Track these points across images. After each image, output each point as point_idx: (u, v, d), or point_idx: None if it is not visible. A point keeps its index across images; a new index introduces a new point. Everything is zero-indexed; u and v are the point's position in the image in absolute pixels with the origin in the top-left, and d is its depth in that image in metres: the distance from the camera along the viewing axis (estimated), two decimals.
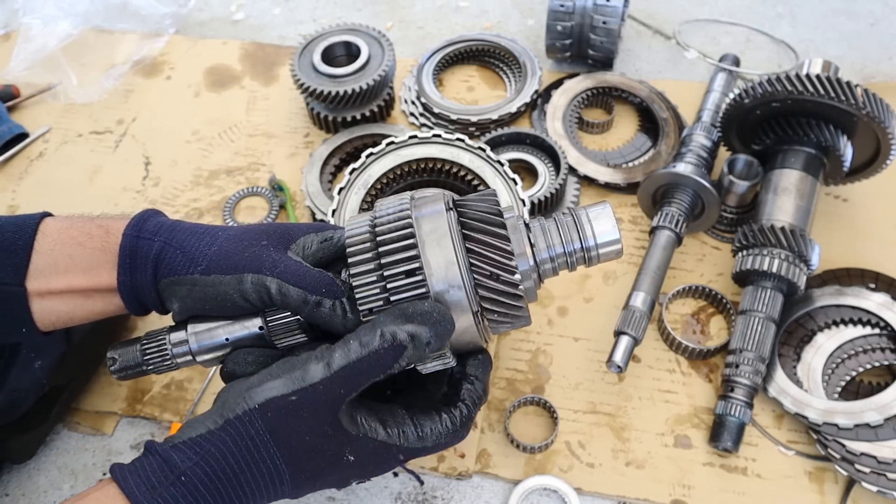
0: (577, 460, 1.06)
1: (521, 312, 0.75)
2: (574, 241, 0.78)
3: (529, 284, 0.77)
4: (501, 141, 1.38)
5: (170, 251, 0.82)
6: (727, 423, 1.03)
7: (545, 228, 0.79)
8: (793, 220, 1.14)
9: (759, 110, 1.20)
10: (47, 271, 0.82)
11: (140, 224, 0.84)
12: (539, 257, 0.78)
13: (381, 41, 1.44)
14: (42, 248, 0.83)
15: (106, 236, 0.84)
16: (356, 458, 0.75)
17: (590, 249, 0.78)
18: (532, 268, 0.77)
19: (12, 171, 1.48)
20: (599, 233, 0.77)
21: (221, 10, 1.82)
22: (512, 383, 1.14)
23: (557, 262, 0.78)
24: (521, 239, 0.77)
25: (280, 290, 0.77)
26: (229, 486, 0.71)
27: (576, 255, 0.78)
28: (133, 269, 0.82)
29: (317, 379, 0.71)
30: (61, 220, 0.87)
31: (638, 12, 1.72)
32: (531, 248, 0.77)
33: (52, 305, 0.84)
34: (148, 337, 0.85)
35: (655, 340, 1.17)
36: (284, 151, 1.48)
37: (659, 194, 1.25)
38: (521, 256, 0.75)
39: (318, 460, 0.74)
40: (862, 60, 1.58)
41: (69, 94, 1.60)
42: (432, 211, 0.75)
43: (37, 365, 1.00)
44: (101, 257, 0.83)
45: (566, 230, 0.78)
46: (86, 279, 0.83)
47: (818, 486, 1.02)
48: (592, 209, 0.78)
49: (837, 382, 1.08)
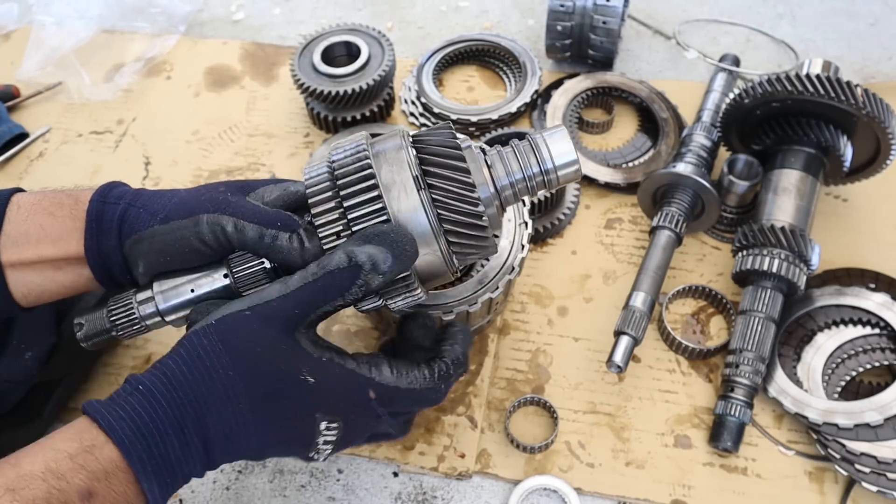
0: (577, 460, 1.06)
1: (486, 240, 0.76)
2: (532, 164, 0.78)
3: (492, 211, 0.77)
4: (501, 141, 1.38)
5: (133, 211, 0.82)
6: (727, 423, 1.03)
7: (503, 155, 0.79)
8: (793, 220, 1.14)
9: (759, 110, 1.20)
10: (20, 241, 0.83)
11: (106, 191, 0.85)
12: (499, 184, 0.78)
13: (381, 41, 1.44)
14: (14, 218, 0.83)
15: (75, 205, 0.84)
16: (316, 381, 0.73)
17: (548, 172, 0.78)
18: (493, 195, 0.78)
19: (12, 171, 1.48)
20: (557, 154, 0.78)
21: (221, 10, 1.82)
22: (512, 383, 1.14)
23: (518, 187, 0.79)
24: (480, 167, 0.77)
25: (236, 227, 0.77)
26: (184, 396, 0.69)
27: (535, 178, 0.79)
28: (99, 234, 0.82)
29: (273, 297, 0.73)
30: (34, 192, 0.88)
31: (638, 12, 1.72)
32: (490, 175, 0.78)
33: (24, 277, 0.84)
34: (114, 300, 0.83)
35: (655, 340, 1.17)
36: (284, 151, 1.48)
37: (659, 194, 1.25)
38: (482, 185, 0.76)
39: (271, 375, 0.72)
40: (862, 60, 1.58)
41: (83, 92, 1.60)
42: (389, 146, 0.75)
43: (27, 356, 1.01)
44: (70, 225, 0.83)
45: (524, 155, 0.78)
46: (56, 248, 0.83)
47: (818, 486, 1.02)
48: (548, 133, 0.79)
49: (837, 382, 1.08)
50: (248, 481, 1.06)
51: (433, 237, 0.73)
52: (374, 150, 0.75)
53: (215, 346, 0.71)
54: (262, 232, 0.77)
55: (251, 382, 0.71)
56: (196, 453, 0.70)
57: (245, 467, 1.08)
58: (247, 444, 0.73)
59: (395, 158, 0.74)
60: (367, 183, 0.72)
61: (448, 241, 0.74)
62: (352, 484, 1.06)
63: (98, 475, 0.66)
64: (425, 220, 0.73)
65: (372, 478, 1.06)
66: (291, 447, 0.77)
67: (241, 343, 0.71)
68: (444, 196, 0.73)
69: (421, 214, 0.72)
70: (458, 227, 0.74)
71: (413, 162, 0.74)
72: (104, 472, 0.66)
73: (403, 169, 0.73)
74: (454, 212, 0.73)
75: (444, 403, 1.11)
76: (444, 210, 0.73)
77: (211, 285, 0.81)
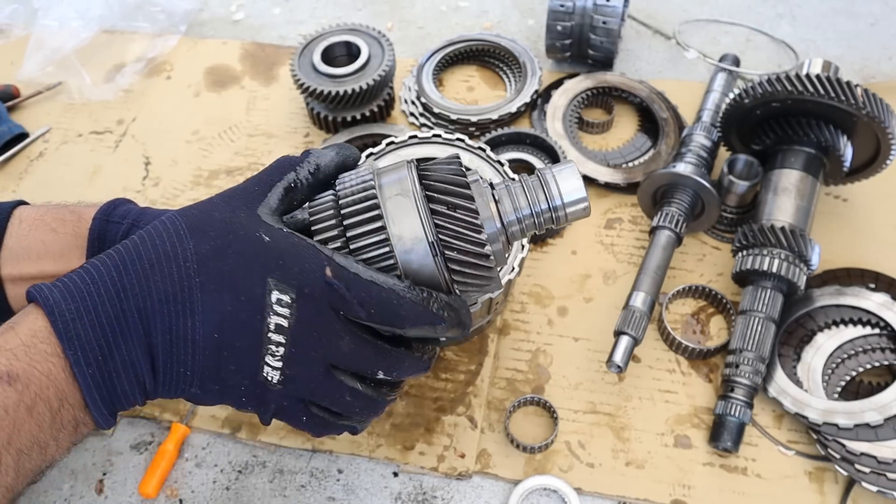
0: (577, 460, 1.06)
1: (491, 276, 0.74)
2: (541, 201, 0.76)
3: (498, 247, 0.76)
4: (501, 141, 1.38)
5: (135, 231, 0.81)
6: (727, 423, 1.03)
7: (511, 190, 0.78)
8: (793, 220, 1.14)
9: (759, 110, 1.20)
10: (20, 256, 0.82)
11: (110, 209, 0.84)
12: (506, 219, 0.77)
13: (381, 41, 1.44)
14: (16, 232, 0.83)
15: (78, 222, 0.84)
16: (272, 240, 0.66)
17: (557, 209, 0.77)
18: (499, 230, 0.76)
19: (12, 171, 1.48)
20: (566, 192, 0.76)
21: (221, 10, 1.82)
22: (512, 383, 1.14)
23: (525, 223, 0.77)
24: (487, 202, 0.76)
25: None
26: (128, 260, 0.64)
27: (543, 215, 0.77)
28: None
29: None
30: (36, 207, 0.87)
31: (638, 12, 1.72)
32: (497, 210, 0.76)
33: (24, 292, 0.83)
34: None
35: (655, 340, 1.17)
36: (284, 151, 1.47)
37: (659, 194, 1.25)
38: (488, 219, 0.74)
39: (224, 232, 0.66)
40: (862, 60, 1.58)
41: (83, 92, 1.60)
42: (395, 178, 0.74)
43: None
44: (72, 242, 0.82)
45: (532, 191, 0.77)
46: (57, 265, 0.82)
47: (818, 486, 1.02)
48: (558, 168, 0.77)
49: (837, 382, 1.08)
50: (248, 481, 1.06)
51: (435, 272, 0.72)
52: (381, 182, 0.74)
53: (172, 217, 0.66)
54: None
55: (200, 240, 0.65)
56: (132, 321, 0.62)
57: (245, 467, 1.08)
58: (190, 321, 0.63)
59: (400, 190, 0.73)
60: (375, 224, 0.71)
61: (452, 277, 0.73)
62: (352, 484, 1.06)
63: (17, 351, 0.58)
64: (428, 255, 0.71)
65: (372, 478, 1.06)
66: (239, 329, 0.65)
67: (198, 212, 0.67)
68: (449, 232, 0.72)
69: (424, 248, 0.71)
70: (462, 263, 0.72)
71: (419, 195, 0.73)
72: (23, 345, 0.59)
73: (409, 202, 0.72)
74: (458, 248, 0.72)
75: (444, 403, 1.11)
76: (448, 246, 0.72)
77: None
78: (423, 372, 0.78)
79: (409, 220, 0.71)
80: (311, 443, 1.08)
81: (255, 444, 1.09)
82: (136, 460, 1.09)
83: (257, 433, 1.09)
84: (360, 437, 1.08)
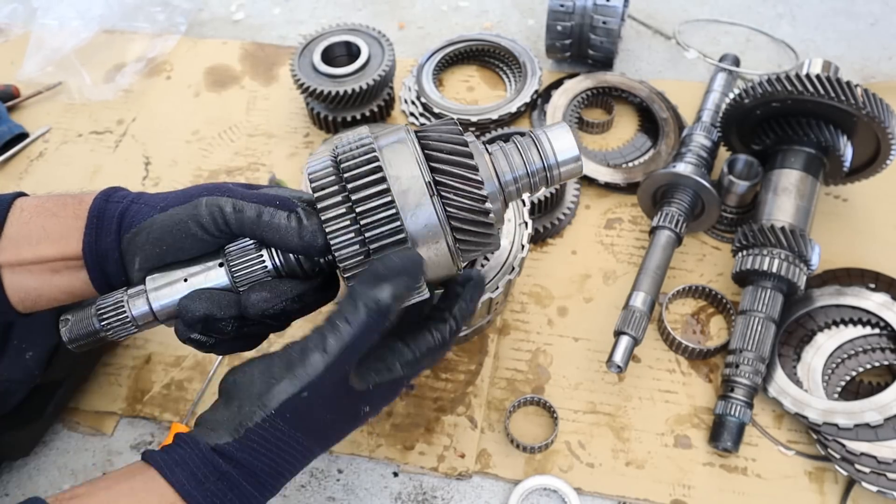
0: (577, 460, 1.06)
1: (491, 233, 0.75)
2: (535, 160, 0.78)
3: (497, 207, 0.77)
4: (502, 140, 1.38)
5: (134, 207, 0.82)
6: (727, 423, 1.03)
7: (505, 151, 0.79)
8: (793, 220, 1.14)
9: (759, 110, 1.20)
10: (20, 242, 0.82)
11: (111, 191, 0.85)
12: (503, 179, 0.78)
13: (381, 41, 1.44)
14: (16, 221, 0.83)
15: (79, 205, 0.84)
16: (371, 407, 0.78)
17: (551, 168, 0.78)
18: (498, 190, 0.78)
19: (12, 171, 1.48)
20: (559, 150, 0.78)
21: (221, 10, 1.82)
22: (512, 383, 1.14)
23: (521, 182, 0.79)
24: (485, 162, 0.77)
25: (234, 207, 0.77)
26: (267, 477, 0.74)
27: (538, 174, 0.78)
28: (99, 231, 0.81)
29: (320, 369, 0.73)
30: (39, 196, 0.88)
31: (638, 12, 1.72)
32: (494, 170, 0.78)
33: (20, 280, 0.83)
34: (104, 297, 0.79)
35: (655, 340, 1.17)
36: (284, 151, 1.48)
37: (659, 194, 1.25)
38: (487, 180, 0.76)
39: (340, 424, 0.78)
40: (862, 60, 1.58)
41: (83, 92, 1.60)
42: (395, 140, 0.75)
43: (28, 356, 1.01)
44: (72, 224, 0.83)
45: (526, 150, 0.78)
46: (55, 248, 0.82)
47: (818, 486, 1.02)
48: (551, 129, 0.79)
49: (837, 382, 1.08)
50: None
51: (441, 232, 0.73)
52: (379, 144, 0.74)
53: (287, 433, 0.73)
54: (260, 210, 0.77)
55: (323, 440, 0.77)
56: None
57: None
58: None
59: (401, 152, 0.73)
60: (376, 176, 0.71)
61: (455, 236, 0.74)
62: (352, 484, 1.06)
63: None
64: (433, 215, 0.72)
65: (372, 478, 1.06)
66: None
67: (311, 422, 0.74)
68: (451, 191, 0.73)
69: (429, 209, 0.72)
70: (465, 222, 0.73)
71: (420, 156, 0.73)
72: None
73: (410, 163, 0.73)
74: (461, 207, 0.73)
75: (444, 403, 1.11)
76: (451, 205, 0.73)
77: (207, 280, 0.78)
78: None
79: (413, 186, 0.72)
80: None
81: None
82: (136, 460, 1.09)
83: None
84: (360, 436, 1.08)
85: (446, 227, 0.73)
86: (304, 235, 0.75)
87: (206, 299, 0.76)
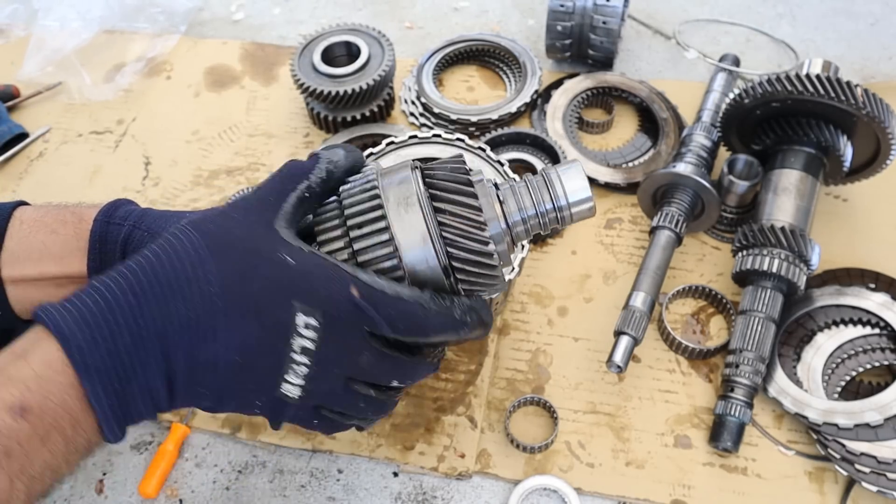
0: (577, 460, 1.06)
1: (496, 275, 0.74)
2: (545, 201, 0.76)
3: (502, 248, 0.75)
4: (501, 141, 1.38)
5: (137, 234, 0.81)
6: (727, 423, 1.03)
7: (515, 190, 0.77)
8: (793, 220, 1.14)
9: (759, 110, 1.20)
10: (22, 257, 0.82)
11: (111, 210, 0.84)
12: (511, 220, 0.76)
13: (381, 41, 1.44)
14: (16, 234, 0.82)
15: (79, 223, 0.83)
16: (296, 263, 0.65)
17: (562, 209, 0.76)
18: (504, 231, 0.76)
19: (12, 171, 1.48)
20: (571, 191, 0.75)
21: (221, 10, 1.82)
22: (512, 383, 1.14)
23: (530, 223, 0.76)
24: (492, 202, 0.75)
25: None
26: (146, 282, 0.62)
27: (548, 215, 0.76)
28: (102, 256, 0.81)
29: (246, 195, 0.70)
30: (37, 207, 0.87)
31: (638, 12, 1.72)
32: (502, 210, 0.76)
33: (25, 293, 0.83)
34: None
35: (655, 340, 1.17)
36: (284, 151, 1.48)
37: (659, 194, 1.25)
38: (492, 220, 0.74)
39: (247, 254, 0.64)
40: (862, 60, 1.58)
41: (83, 92, 1.60)
42: (399, 179, 0.74)
43: None
44: (73, 244, 0.82)
45: (537, 191, 0.76)
46: (58, 267, 0.82)
47: (818, 486, 1.02)
48: (563, 168, 0.76)
49: (837, 382, 1.08)
50: (248, 481, 1.06)
51: (441, 275, 0.72)
52: (384, 184, 0.74)
53: (188, 234, 0.64)
54: None
55: (222, 261, 0.63)
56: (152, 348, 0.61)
57: (245, 467, 1.08)
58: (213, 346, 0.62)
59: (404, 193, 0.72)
60: (376, 219, 0.71)
61: (456, 277, 0.73)
62: (352, 484, 1.06)
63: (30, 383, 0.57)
64: (433, 256, 0.71)
65: (372, 478, 1.06)
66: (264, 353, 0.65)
67: (216, 228, 0.65)
68: (453, 231, 0.71)
69: (430, 250, 0.71)
70: (466, 263, 0.72)
71: (423, 195, 0.72)
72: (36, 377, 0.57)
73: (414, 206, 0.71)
74: (463, 247, 0.71)
75: (444, 403, 1.11)
76: (453, 245, 0.71)
77: None
78: (433, 372, 0.79)
79: (414, 224, 0.71)
80: (310, 443, 1.08)
81: (255, 444, 1.09)
82: (136, 460, 1.09)
83: (257, 433, 1.09)
84: (361, 436, 1.08)
85: (448, 267, 0.72)
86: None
87: None
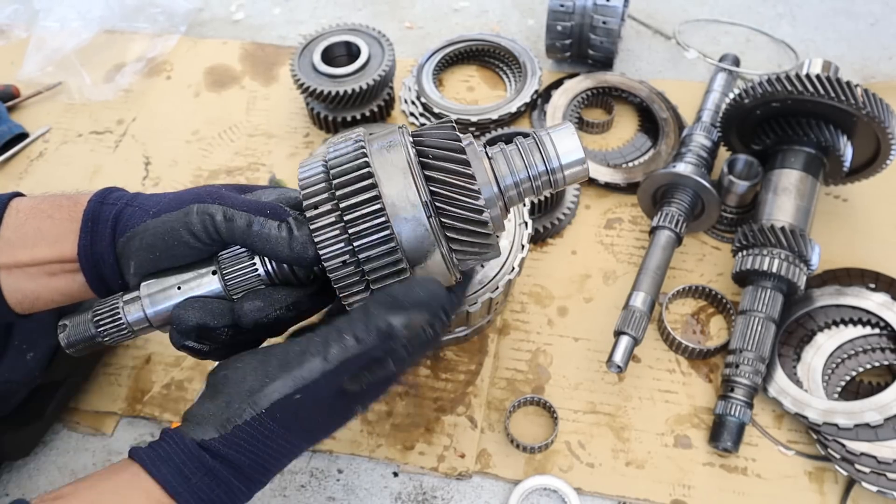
0: (577, 460, 1.06)
1: (489, 242, 0.72)
2: (538, 163, 0.74)
3: (495, 213, 0.73)
4: (501, 141, 1.38)
5: (129, 210, 0.81)
6: (727, 423, 1.03)
7: (507, 153, 0.75)
8: (793, 220, 1.14)
9: (759, 110, 1.20)
10: (15, 243, 0.82)
11: (106, 193, 0.85)
12: (503, 183, 0.74)
13: (381, 41, 1.44)
14: (12, 222, 0.83)
15: (74, 206, 0.83)
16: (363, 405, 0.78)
17: (554, 171, 0.74)
18: (496, 195, 0.74)
19: (12, 171, 1.48)
20: (563, 152, 0.73)
21: (221, 10, 1.82)
22: (512, 383, 1.14)
23: (522, 187, 0.74)
24: (483, 166, 0.73)
25: (225, 216, 0.76)
26: (254, 472, 0.73)
27: (541, 178, 0.74)
28: (94, 234, 0.81)
29: (317, 374, 0.72)
30: (34, 197, 0.87)
31: (638, 12, 1.72)
32: (494, 174, 0.74)
33: (17, 282, 0.83)
34: (100, 302, 0.79)
35: (655, 340, 1.17)
36: (284, 151, 1.48)
37: (659, 194, 1.25)
38: (485, 184, 0.72)
39: (330, 424, 0.77)
40: (862, 60, 1.58)
41: (83, 92, 1.60)
42: (388, 143, 0.71)
43: (29, 356, 1.01)
44: (67, 227, 0.82)
45: (528, 153, 0.74)
46: (51, 250, 0.82)
47: (818, 486, 1.02)
48: (554, 129, 0.74)
49: (837, 382, 1.08)
50: None
51: (433, 240, 0.70)
52: (372, 148, 0.71)
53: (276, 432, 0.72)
54: (250, 220, 0.75)
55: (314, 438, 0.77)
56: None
57: None
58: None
59: (393, 156, 0.70)
60: (365, 182, 0.68)
61: (449, 245, 0.71)
62: (352, 484, 1.06)
63: None
64: (425, 222, 0.69)
65: (372, 478, 1.06)
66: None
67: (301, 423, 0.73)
68: (444, 197, 0.69)
69: (421, 215, 0.68)
70: (459, 230, 0.70)
71: (413, 160, 0.70)
72: None
73: (403, 168, 0.69)
74: (455, 214, 0.69)
75: (444, 403, 1.11)
76: (444, 212, 0.69)
77: (200, 287, 0.77)
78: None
79: (404, 188, 0.68)
80: None
81: None
82: None
83: None
84: (361, 436, 1.08)
85: (440, 237, 0.70)
86: (294, 246, 0.74)
87: (198, 308, 0.75)
